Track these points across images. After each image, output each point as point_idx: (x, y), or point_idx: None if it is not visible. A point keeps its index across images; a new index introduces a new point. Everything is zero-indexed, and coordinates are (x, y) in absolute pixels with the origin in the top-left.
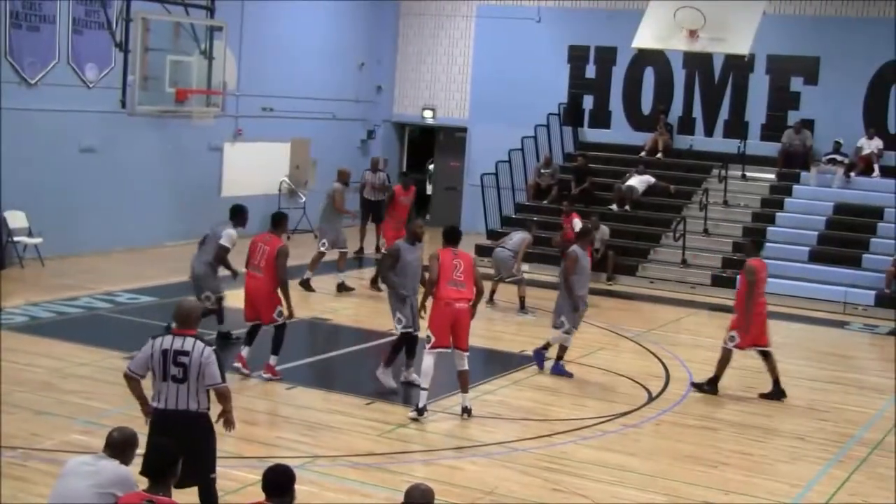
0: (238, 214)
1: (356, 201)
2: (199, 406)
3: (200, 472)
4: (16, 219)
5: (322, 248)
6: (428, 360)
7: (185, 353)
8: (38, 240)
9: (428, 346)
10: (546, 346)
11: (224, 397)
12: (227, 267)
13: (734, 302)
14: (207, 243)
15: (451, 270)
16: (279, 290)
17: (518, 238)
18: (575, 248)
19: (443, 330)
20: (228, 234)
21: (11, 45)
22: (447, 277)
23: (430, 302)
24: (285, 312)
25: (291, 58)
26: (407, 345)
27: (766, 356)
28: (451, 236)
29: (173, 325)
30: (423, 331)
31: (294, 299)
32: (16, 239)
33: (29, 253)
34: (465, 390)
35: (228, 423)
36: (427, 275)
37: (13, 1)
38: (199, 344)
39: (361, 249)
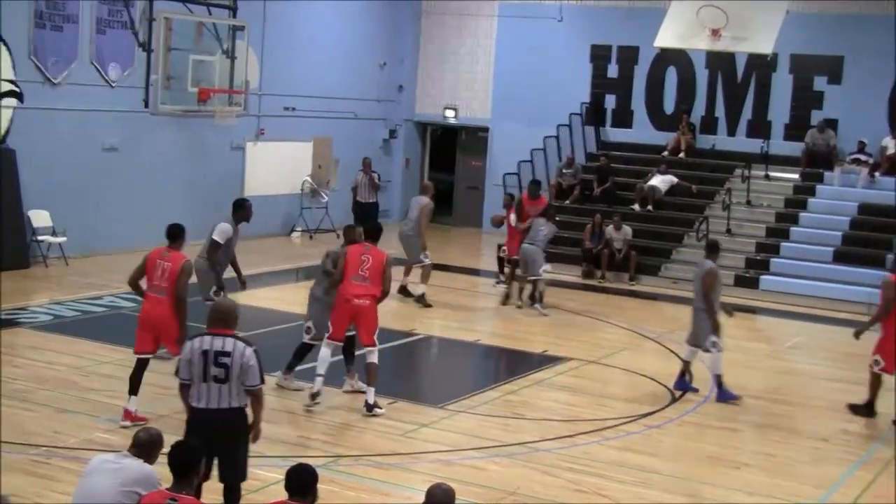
0: (240, 209)
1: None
2: (239, 404)
3: (237, 469)
4: (40, 218)
5: (426, 260)
6: (325, 350)
7: (227, 354)
8: (61, 238)
9: (326, 336)
10: (685, 373)
11: (258, 399)
12: (213, 266)
13: (878, 320)
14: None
15: (357, 266)
16: (176, 309)
17: (545, 231)
18: (713, 264)
19: (340, 324)
20: (220, 229)
21: (35, 45)
22: (352, 272)
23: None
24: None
25: (313, 57)
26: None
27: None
28: (371, 233)
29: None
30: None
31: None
32: (40, 238)
33: (53, 252)
34: (370, 383)
35: (255, 437)
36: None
37: (37, 1)
38: (240, 344)
39: None
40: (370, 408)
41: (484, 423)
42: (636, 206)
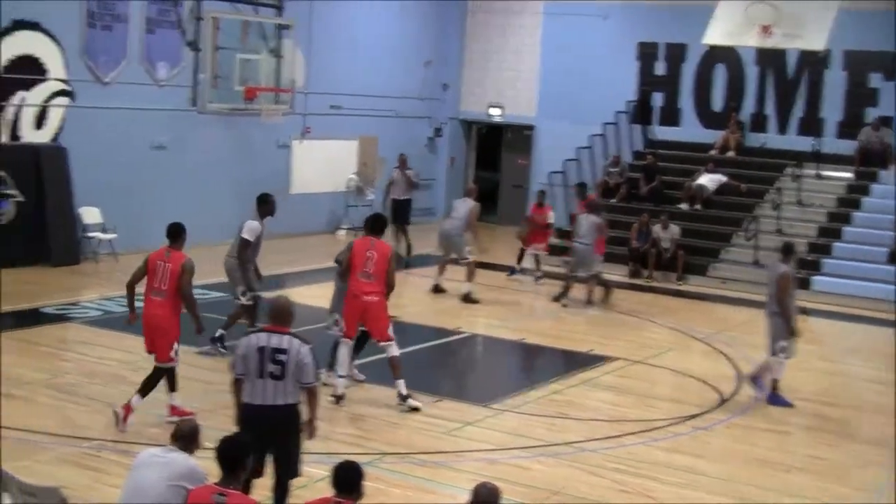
0: (264, 203)
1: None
2: (294, 401)
3: (291, 466)
4: (90, 215)
5: (470, 257)
6: (342, 350)
7: (284, 351)
8: (111, 235)
9: (342, 335)
10: (759, 374)
11: (314, 396)
12: (244, 264)
13: None
14: (235, 236)
15: (362, 262)
16: (189, 310)
17: (589, 226)
18: (788, 267)
19: (352, 321)
20: (249, 226)
21: (86, 45)
22: (358, 268)
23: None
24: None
25: (359, 55)
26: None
27: None
28: (374, 225)
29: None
30: None
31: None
32: (90, 234)
33: (103, 248)
34: (396, 376)
35: (311, 433)
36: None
37: (89, 1)
38: (296, 342)
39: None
40: (404, 398)
41: (529, 422)
42: (684, 205)
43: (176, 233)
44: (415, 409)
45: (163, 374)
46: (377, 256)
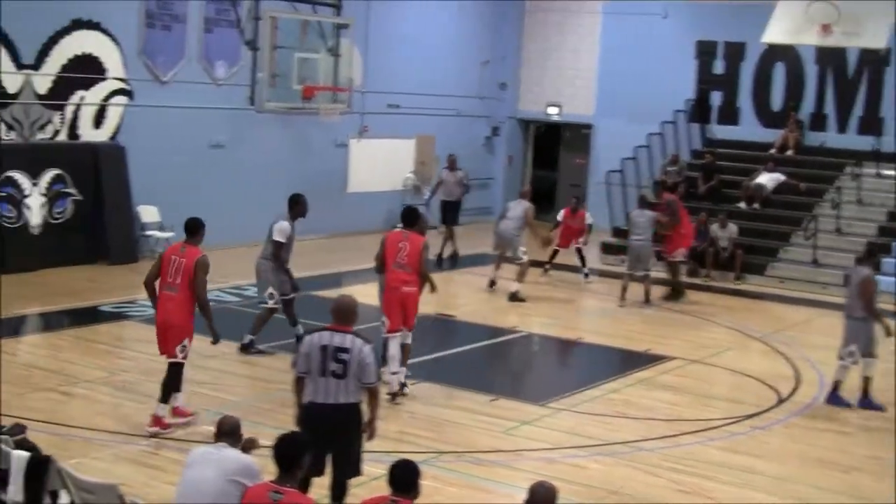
0: (296, 205)
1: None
2: (355, 399)
3: (351, 465)
4: (148, 213)
5: (524, 258)
6: (392, 346)
7: (346, 350)
8: (169, 234)
9: (385, 330)
10: (837, 387)
11: (375, 396)
12: (282, 265)
13: None
14: (267, 236)
15: (395, 253)
16: (201, 311)
17: (646, 221)
18: (869, 270)
19: (394, 314)
20: (280, 228)
21: (145, 44)
22: (392, 259)
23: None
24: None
25: (417, 54)
26: None
27: None
28: (407, 218)
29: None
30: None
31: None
32: (148, 233)
33: (160, 246)
34: (404, 363)
35: (371, 435)
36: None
37: (148, 1)
38: (358, 341)
39: (441, 254)
40: (403, 386)
41: (586, 421)
42: (742, 204)
43: (194, 228)
44: (400, 395)
45: (179, 371)
46: (409, 247)
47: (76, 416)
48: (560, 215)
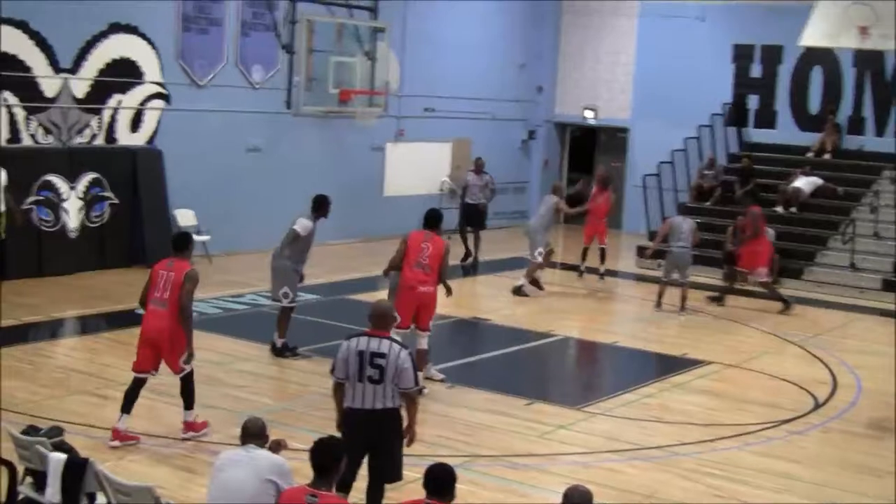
0: (321, 205)
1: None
2: (394, 404)
3: (391, 470)
4: (185, 217)
5: (539, 258)
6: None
7: (383, 356)
8: (205, 237)
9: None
10: None
11: (413, 401)
12: (299, 261)
13: None
14: (283, 238)
15: (417, 253)
16: (182, 322)
17: (689, 228)
18: None
19: (407, 312)
20: (302, 223)
21: (182, 48)
22: (413, 259)
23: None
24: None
25: (452, 58)
26: None
27: None
28: (429, 220)
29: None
30: None
31: (456, 297)
32: None
33: (197, 250)
34: (420, 368)
35: (411, 440)
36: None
37: (185, 2)
38: (396, 346)
39: (467, 255)
40: (420, 391)
41: (622, 425)
42: (779, 208)
43: (182, 242)
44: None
45: (191, 381)
46: (432, 249)
47: (113, 419)
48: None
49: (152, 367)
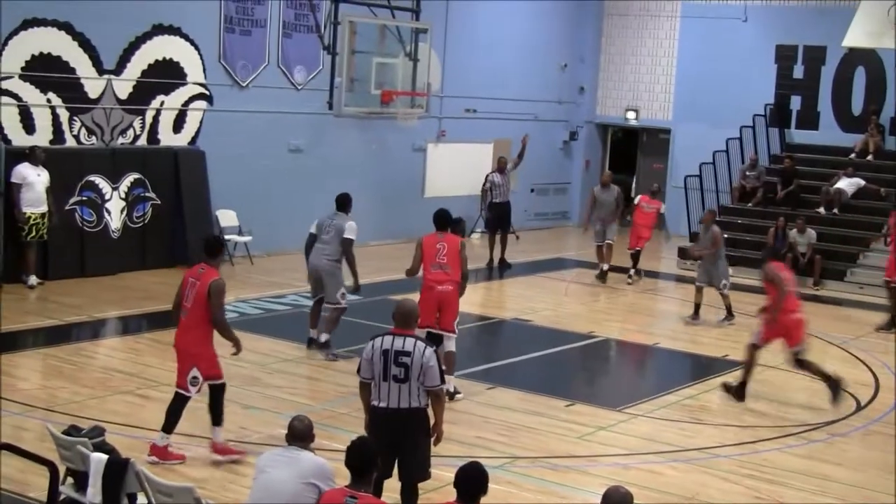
0: (348, 203)
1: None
2: (421, 403)
3: (418, 469)
4: (227, 217)
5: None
6: None
7: (407, 354)
8: (247, 238)
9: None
10: None
11: (439, 399)
12: (352, 267)
13: None
14: (326, 237)
15: (434, 253)
16: (222, 335)
17: (709, 237)
18: None
19: (428, 311)
20: (352, 227)
21: (225, 49)
22: (430, 260)
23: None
24: (235, 350)
25: (494, 59)
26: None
27: None
28: (439, 221)
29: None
30: None
31: (498, 298)
32: (227, 237)
33: (239, 250)
34: (449, 372)
35: (438, 439)
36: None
37: (227, 3)
38: (420, 344)
39: (491, 261)
40: (451, 395)
41: (662, 427)
42: (821, 210)
43: (214, 247)
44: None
45: (184, 402)
46: (448, 247)
47: (154, 419)
48: (637, 199)
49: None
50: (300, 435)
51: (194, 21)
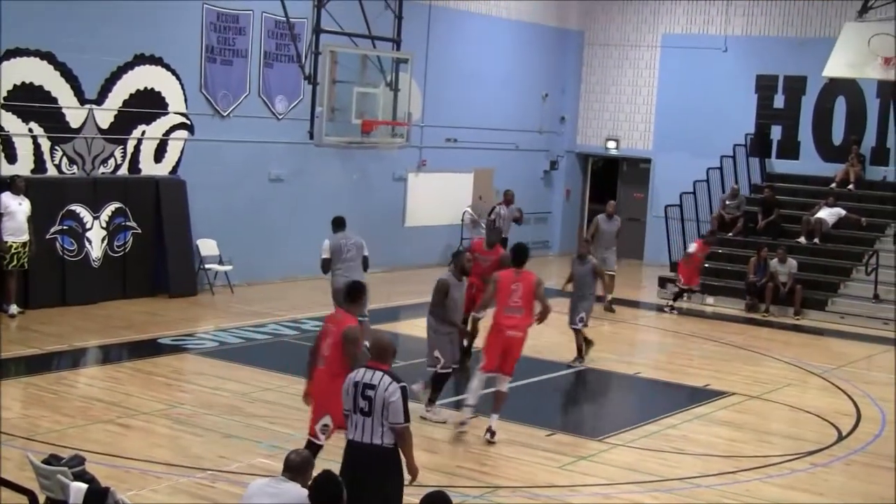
0: (343, 223)
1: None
2: (384, 442)
3: None
4: (207, 246)
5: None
6: (476, 381)
7: (372, 387)
8: (227, 267)
9: (479, 367)
10: None
11: (402, 438)
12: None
13: None
14: (349, 255)
15: (507, 295)
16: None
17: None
18: None
19: (494, 355)
20: (364, 244)
21: (206, 79)
22: (503, 303)
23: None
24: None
25: (475, 88)
26: (440, 381)
27: None
28: (516, 256)
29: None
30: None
31: (477, 328)
32: (207, 266)
33: (219, 280)
34: (496, 410)
35: (412, 477)
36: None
37: (209, 33)
38: (387, 379)
39: None
40: (492, 433)
41: (643, 456)
42: (802, 239)
43: (354, 293)
44: (491, 443)
45: (316, 450)
46: (523, 288)
47: (134, 448)
48: (692, 248)
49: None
50: (293, 467)
51: (175, 51)
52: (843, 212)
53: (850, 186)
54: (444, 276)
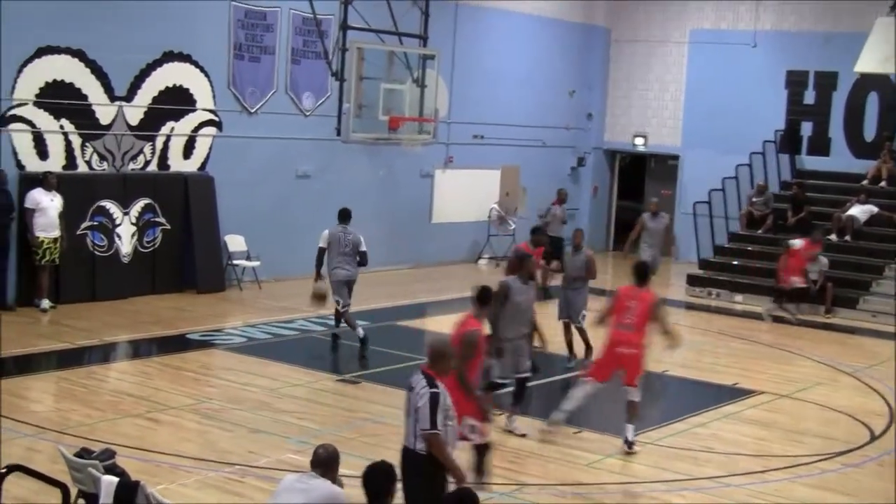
0: (349, 216)
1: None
2: (417, 447)
3: None
4: (235, 242)
5: None
6: (578, 390)
7: (412, 389)
8: (255, 263)
9: (583, 373)
10: None
11: (430, 445)
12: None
13: None
14: (346, 249)
15: (622, 312)
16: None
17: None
18: None
19: (602, 368)
20: (363, 240)
21: (234, 76)
22: (619, 318)
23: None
24: None
25: (502, 85)
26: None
27: None
28: (638, 273)
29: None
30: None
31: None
32: (235, 262)
33: (247, 275)
34: (629, 420)
35: (455, 478)
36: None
37: (237, 30)
38: (423, 383)
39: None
40: (630, 444)
41: (671, 455)
42: (833, 237)
43: (484, 297)
44: (630, 454)
45: (482, 450)
46: (639, 306)
47: (163, 443)
48: (798, 244)
49: None
50: (320, 462)
51: (204, 48)
52: (874, 209)
53: (883, 183)
54: (505, 279)
